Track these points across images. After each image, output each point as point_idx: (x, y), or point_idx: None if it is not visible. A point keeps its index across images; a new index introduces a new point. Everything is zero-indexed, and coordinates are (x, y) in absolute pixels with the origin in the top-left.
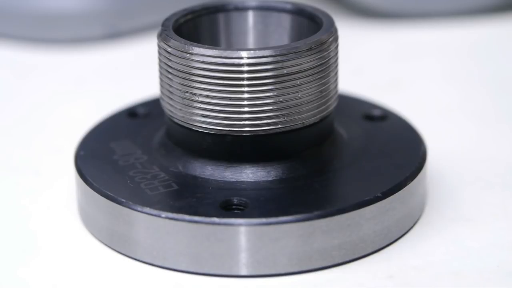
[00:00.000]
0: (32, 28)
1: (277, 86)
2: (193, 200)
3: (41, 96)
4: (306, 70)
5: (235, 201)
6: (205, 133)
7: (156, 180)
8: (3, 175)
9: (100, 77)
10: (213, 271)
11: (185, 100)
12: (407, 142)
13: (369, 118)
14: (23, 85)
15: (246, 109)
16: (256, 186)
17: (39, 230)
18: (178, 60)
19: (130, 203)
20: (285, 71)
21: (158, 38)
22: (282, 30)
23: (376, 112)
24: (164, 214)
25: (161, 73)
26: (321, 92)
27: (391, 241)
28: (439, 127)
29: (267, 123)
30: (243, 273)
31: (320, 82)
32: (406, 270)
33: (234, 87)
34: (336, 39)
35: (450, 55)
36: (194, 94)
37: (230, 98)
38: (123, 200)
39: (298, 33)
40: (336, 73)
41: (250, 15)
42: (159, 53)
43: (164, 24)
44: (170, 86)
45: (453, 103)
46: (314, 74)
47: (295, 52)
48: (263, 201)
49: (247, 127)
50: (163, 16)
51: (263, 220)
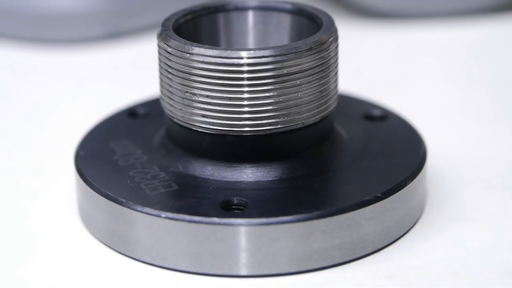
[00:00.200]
0: (32, 28)
1: (277, 86)
2: (193, 200)
3: (41, 96)
4: (306, 70)
5: (235, 201)
6: (205, 133)
7: (156, 180)
8: (3, 175)
9: (100, 77)
10: (213, 271)
11: (185, 100)
12: (407, 142)
13: (369, 118)
14: (23, 85)
15: (246, 109)
16: (256, 186)
17: (39, 230)
18: (178, 60)
19: (130, 203)
20: (285, 71)
21: (158, 38)
22: (282, 30)
23: (376, 112)
24: (164, 214)
25: (161, 73)
26: (321, 92)
27: (391, 241)
28: (439, 127)
29: (267, 123)
30: (243, 273)
31: (320, 82)
32: (406, 270)
33: (234, 87)
34: (336, 39)
35: (450, 55)
36: (194, 94)
37: (230, 98)
38: (123, 200)
39: (298, 33)
40: (336, 73)
41: (250, 15)
42: (159, 53)
43: (164, 24)
44: (170, 86)
45: (453, 103)
46: (314, 74)
47: (295, 52)
48: (263, 201)
49: (247, 127)
50: (163, 16)
51: (263, 220)
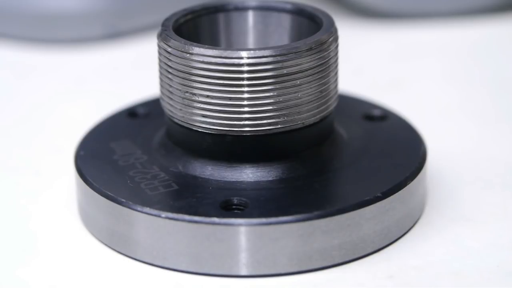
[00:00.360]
0: (32, 28)
1: (277, 86)
2: (193, 200)
3: (41, 96)
4: (306, 70)
5: (235, 201)
6: (205, 133)
7: (156, 180)
8: (3, 175)
9: (100, 77)
10: (213, 271)
11: (185, 100)
12: (407, 142)
13: (369, 118)
14: (23, 85)
15: (246, 109)
16: (256, 186)
17: (39, 230)
18: (178, 60)
19: (130, 203)
20: (285, 71)
21: (158, 38)
22: (282, 30)
23: (376, 112)
24: (164, 214)
25: (161, 73)
26: (321, 92)
27: (391, 241)
28: (439, 127)
29: (267, 123)
30: (243, 273)
31: (320, 82)
32: (406, 270)
33: (234, 87)
34: (336, 39)
35: (450, 55)
36: (194, 94)
37: (230, 98)
38: (123, 200)
39: (298, 33)
40: (336, 73)
41: (250, 15)
42: (159, 53)
43: (164, 24)
44: (170, 86)
45: (453, 103)
46: (314, 74)
47: (295, 52)
48: (263, 201)
49: (247, 127)
50: (163, 16)
51: (263, 220)
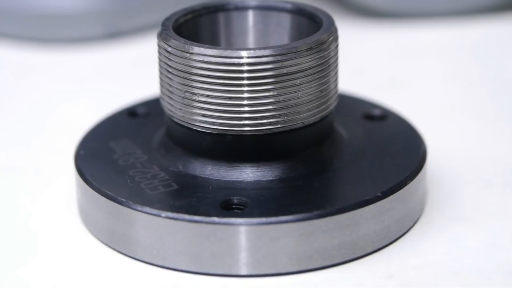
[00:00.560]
0: (32, 28)
1: (277, 85)
2: (193, 199)
3: (41, 96)
4: (306, 70)
5: (235, 201)
6: (205, 132)
7: (156, 180)
8: (3, 175)
9: (100, 76)
10: (213, 270)
11: (185, 99)
12: (407, 141)
13: (369, 117)
14: (23, 85)
15: (246, 108)
16: (256, 186)
17: (39, 230)
18: (178, 59)
19: (130, 202)
20: (285, 70)
21: (158, 38)
22: (282, 29)
23: (376, 112)
24: (164, 213)
25: (161, 73)
26: (321, 91)
27: (391, 240)
28: (439, 126)
29: (267, 123)
30: (243, 272)
31: (320, 82)
32: (406, 270)
33: (234, 87)
34: (336, 38)
35: (450, 54)
36: (194, 94)
37: (230, 98)
38: (123, 199)
39: (298, 33)
40: (336, 73)
41: (250, 15)
42: (159, 53)
43: (164, 24)
44: (170, 85)
45: (453, 102)
46: (314, 73)
47: (295, 52)
48: (263, 200)
49: (247, 126)
50: (163, 15)
51: (263, 219)
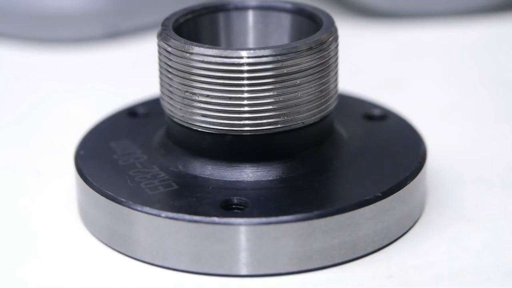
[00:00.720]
0: (32, 28)
1: (277, 85)
2: (193, 199)
3: (41, 96)
4: (306, 70)
5: (235, 201)
6: (205, 132)
7: (156, 180)
8: (3, 175)
9: (100, 76)
10: (213, 270)
11: (185, 99)
12: (407, 141)
13: (369, 117)
14: (23, 85)
15: (246, 108)
16: (256, 186)
17: (39, 230)
18: (178, 59)
19: (130, 202)
20: (285, 70)
21: (158, 38)
22: (282, 29)
23: (376, 112)
24: (164, 213)
25: (161, 73)
26: (321, 91)
27: (391, 240)
28: (439, 126)
29: (267, 123)
30: (243, 272)
31: (320, 82)
32: (406, 270)
33: (234, 87)
34: (336, 38)
35: (450, 54)
36: (194, 94)
37: (230, 98)
38: (123, 199)
39: (298, 33)
40: (336, 73)
41: (250, 15)
42: (159, 53)
43: (164, 24)
44: (170, 85)
45: (453, 102)
46: (314, 73)
47: (295, 52)
48: (263, 200)
49: (247, 126)
50: (163, 15)
51: (263, 219)
